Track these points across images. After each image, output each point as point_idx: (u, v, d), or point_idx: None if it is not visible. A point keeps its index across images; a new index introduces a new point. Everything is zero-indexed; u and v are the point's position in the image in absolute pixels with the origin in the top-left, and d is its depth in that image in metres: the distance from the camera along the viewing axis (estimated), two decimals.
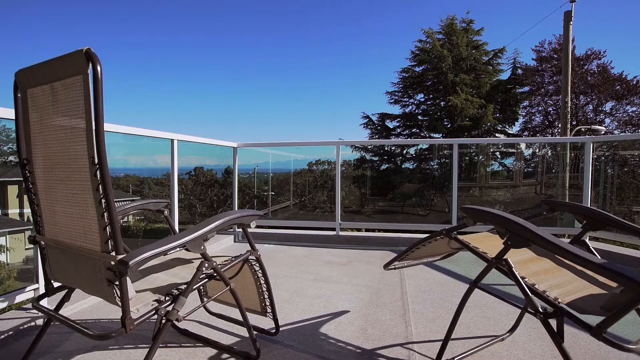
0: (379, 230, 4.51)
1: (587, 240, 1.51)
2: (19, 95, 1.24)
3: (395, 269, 1.90)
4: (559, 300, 1.17)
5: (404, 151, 20.11)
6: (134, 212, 1.75)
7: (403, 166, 20.21)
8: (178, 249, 1.17)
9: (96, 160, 1.01)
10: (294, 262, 3.24)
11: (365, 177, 15.24)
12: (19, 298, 1.90)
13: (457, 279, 2.76)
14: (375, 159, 20.25)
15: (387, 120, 19.78)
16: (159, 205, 1.76)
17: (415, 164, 20.22)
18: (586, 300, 1.18)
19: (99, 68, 0.98)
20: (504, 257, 1.25)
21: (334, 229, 4.06)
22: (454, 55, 17.44)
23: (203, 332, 1.84)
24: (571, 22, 9.65)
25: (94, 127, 1.00)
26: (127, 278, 1.07)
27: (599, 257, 1.49)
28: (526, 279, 1.27)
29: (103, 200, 1.03)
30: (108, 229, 1.05)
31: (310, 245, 3.90)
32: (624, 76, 15.84)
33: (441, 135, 18.83)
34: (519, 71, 18.18)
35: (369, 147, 20.35)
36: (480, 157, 19.48)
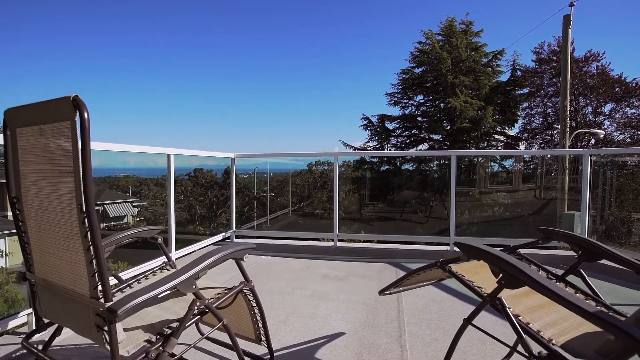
0: (377, 242, 4.49)
1: (583, 271, 1.50)
2: (8, 133, 1.22)
3: (390, 294, 1.89)
4: (554, 341, 1.16)
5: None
6: (128, 240, 1.74)
7: (403, 167, 20.21)
8: (168, 291, 1.16)
9: (84, 208, 1.00)
10: (291, 276, 3.23)
11: (365, 178, 15.22)
12: (12, 324, 1.89)
13: (454, 295, 2.75)
14: (375, 160, 20.24)
15: (387, 122, 19.76)
16: (152, 232, 1.75)
17: (415, 165, 20.21)
18: (581, 342, 1.18)
19: (86, 115, 0.97)
20: (498, 296, 1.24)
21: (331, 240, 4.05)
22: (453, 57, 17.42)
23: (197, 358, 1.83)
24: (570, 26, 9.63)
25: (81, 175, 0.99)
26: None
27: (596, 291, 1.48)
28: (520, 317, 1.26)
29: (91, 247, 1.02)
30: (97, 275, 1.04)
31: (308, 256, 3.89)
32: (623, 78, 15.84)
33: (441, 136, 18.81)
34: (519, 73, 18.16)
35: (369, 148, 20.34)
36: (480, 158, 19.47)
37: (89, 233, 1.01)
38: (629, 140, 15.97)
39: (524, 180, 12.99)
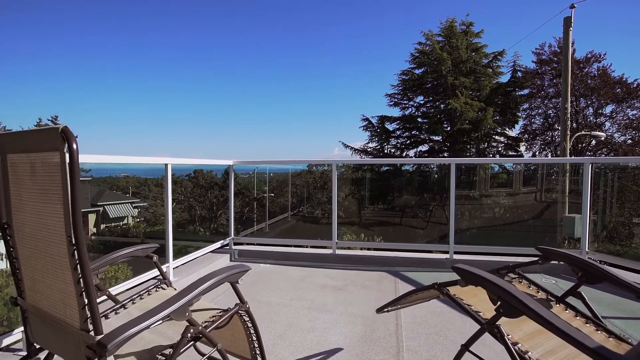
0: (376, 250, 4.47)
1: (583, 293, 1.48)
2: None
3: (388, 311, 1.87)
4: None
5: (404, 153, 20.09)
6: (124, 260, 1.72)
7: (403, 168, 20.18)
8: (161, 321, 1.14)
9: (73, 241, 0.98)
10: (290, 286, 3.21)
11: (365, 179, 15.16)
12: (6, 341, 1.87)
13: (452, 307, 2.73)
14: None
15: (387, 123, 19.73)
16: (148, 251, 1.73)
17: (414, 166, 20.17)
18: None
19: (75, 147, 0.95)
20: (497, 323, 1.22)
21: (330, 248, 4.03)
22: (453, 58, 17.38)
23: None
24: (571, 28, 9.59)
25: (70, 207, 0.97)
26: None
27: (596, 314, 1.46)
28: (519, 345, 1.24)
29: (81, 280, 1.00)
30: (87, 307, 1.02)
31: (307, 264, 3.87)
32: (624, 79, 15.79)
33: (441, 137, 18.77)
34: (519, 74, 18.11)
35: (369, 149, 20.32)
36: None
37: (78, 266, 0.99)
38: (630, 141, 15.93)
39: (525, 182, 12.96)
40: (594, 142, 15.98)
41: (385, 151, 19.96)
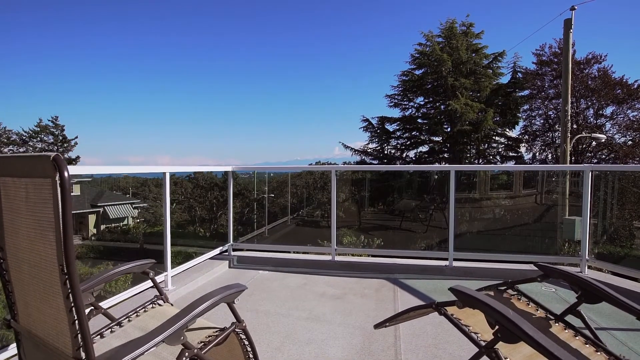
0: (375, 256, 4.46)
1: (582, 312, 1.47)
2: None
3: (386, 327, 1.86)
4: None
5: (404, 155, 20.07)
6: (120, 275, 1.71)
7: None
8: (155, 347, 1.12)
9: (65, 270, 0.97)
10: (288, 295, 3.19)
11: (365, 180, 15.13)
12: (2, 356, 1.86)
13: None
14: (375, 162, 20.19)
15: (387, 124, 19.72)
16: (144, 267, 1.71)
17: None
18: None
19: (66, 175, 0.94)
20: (495, 347, 1.21)
21: (329, 254, 4.02)
22: (453, 59, 17.35)
23: None
24: (571, 31, 9.56)
25: (62, 236, 0.96)
26: None
27: (596, 334, 1.45)
28: None
29: (73, 309, 0.99)
30: (79, 336, 1.00)
31: (306, 271, 3.86)
32: (624, 80, 15.76)
33: (441, 138, 18.75)
34: (519, 75, 18.08)
35: (369, 150, 20.30)
36: (480, 160, 19.41)
37: (70, 295, 0.98)
38: (630, 142, 15.90)
39: (525, 184, 12.93)
40: (594, 143, 15.95)
41: (386, 152, 19.96)
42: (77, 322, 1.00)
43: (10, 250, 1.18)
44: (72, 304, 0.99)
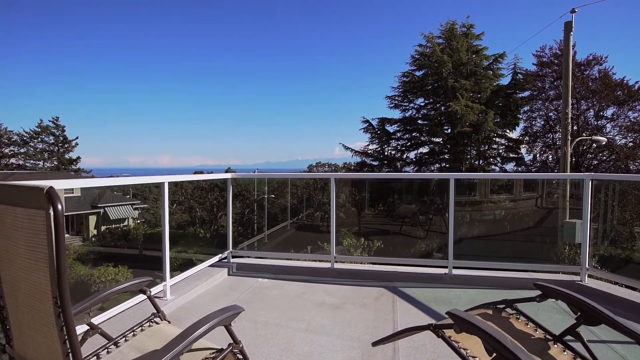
0: (374, 263, 4.45)
1: (581, 333, 1.46)
2: None
3: (384, 344, 1.85)
4: None
5: (404, 156, 20.05)
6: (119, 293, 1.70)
7: (403, 170, 20.13)
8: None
9: (59, 302, 0.96)
10: (287, 304, 3.19)
11: (365, 181, 15.12)
12: None
13: None
14: (375, 163, 20.19)
15: (387, 125, 19.70)
16: (141, 285, 1.71)
17: (415, 168, 20.13)
18: None
19: (59, 208, 0.94)
20: None
21: (329, 262, 4.01)
22: (454, 60, 17.33)
23: None
24: (572, 33, 9.54)
25: (56, 269, 0.95)
26: None
27: (594, 355, 1.44)
28: None
29: (67, 340, 0.99)
30: None
31: (305, 279, 3.85)
32: (625, 82, 15.73)
33: (441, 139, 18.72)
34: (520, 76, 18.06)
35: (369, 151, 20.28)
36: (481, 161, 19.38)
37: (64, 327, 0.97)
38: (631, 144, 15.87)
39: (525, 186, 12.92)
40: (594, 145, 15.91)
41: (386, 153, 19.94)
42: (70, 355, 0.99)
43: (6, 277, 1.18)
44: (66, 337, 0.98)
